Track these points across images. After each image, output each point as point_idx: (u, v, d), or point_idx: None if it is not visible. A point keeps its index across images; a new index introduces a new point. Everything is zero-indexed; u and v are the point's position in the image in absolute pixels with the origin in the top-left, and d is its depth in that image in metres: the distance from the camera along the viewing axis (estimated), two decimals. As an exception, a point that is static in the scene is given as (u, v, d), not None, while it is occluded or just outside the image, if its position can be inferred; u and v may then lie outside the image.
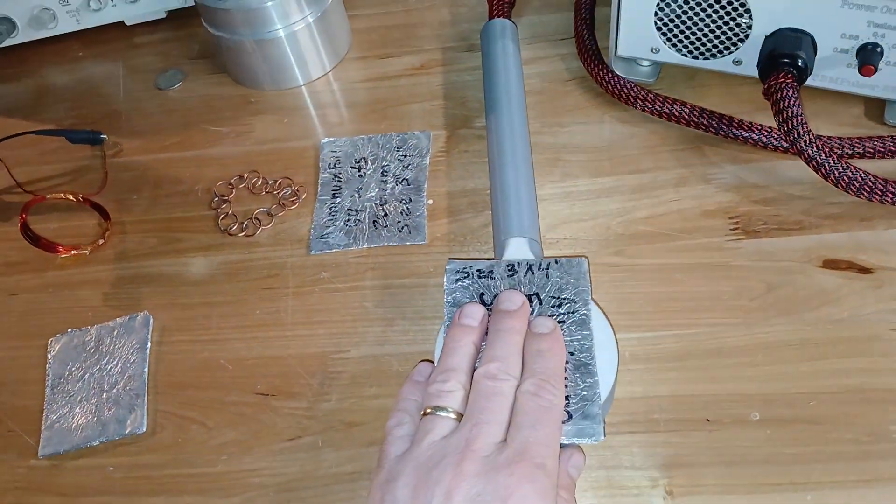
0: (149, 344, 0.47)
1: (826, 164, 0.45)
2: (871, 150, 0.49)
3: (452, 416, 0.34)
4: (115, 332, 0.48)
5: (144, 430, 0.44)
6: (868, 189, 0.45)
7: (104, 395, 0.45)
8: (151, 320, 0.48)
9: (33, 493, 0.43)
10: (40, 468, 0.44)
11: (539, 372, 0.35)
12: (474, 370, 0.36)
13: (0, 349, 0.50)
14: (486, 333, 0.38)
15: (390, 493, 0.31)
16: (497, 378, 0.34)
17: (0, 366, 0.49)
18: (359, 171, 0.54)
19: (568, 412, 0.37)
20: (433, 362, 0.38)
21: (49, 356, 0.48)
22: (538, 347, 0.37)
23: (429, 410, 0.34)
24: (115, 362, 0.47)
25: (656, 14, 0.51)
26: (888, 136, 0.49)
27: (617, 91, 0.54)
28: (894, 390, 0.40)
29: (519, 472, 0.31)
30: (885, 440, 0.38)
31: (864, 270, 0.44)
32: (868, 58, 0.46)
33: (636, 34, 0.52)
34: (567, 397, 0.38)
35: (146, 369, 0.46)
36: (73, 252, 0.53)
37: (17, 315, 0.51)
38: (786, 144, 0.48)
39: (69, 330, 0.49)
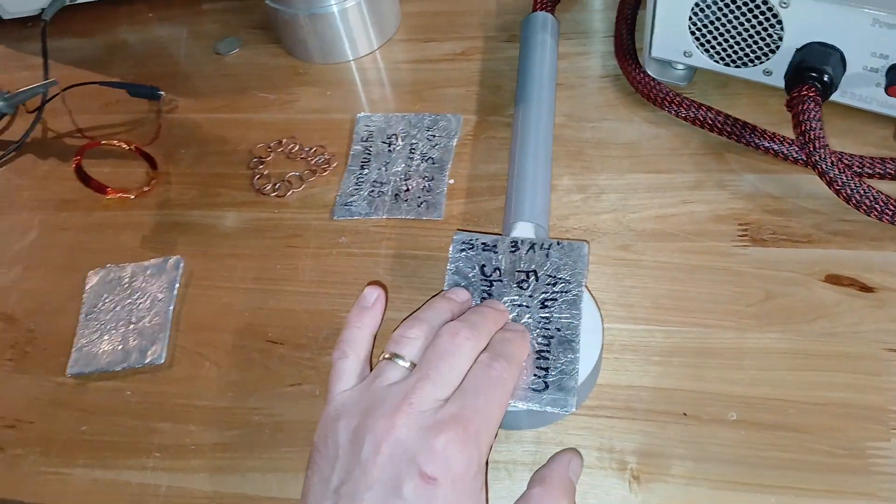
0: (177, 285, 0.51)
1: (839, 180, 0.45)
2: (893, 172, 0.49)
3: (406, 365, 0.35)
4: (147, 272, 0.52)
5: (163, 361, 0.48)
6: (879, 209, 0.45)
7: (131, 326, 0.49)
8: (182, 264, 0.52)
9: (57, 406, 0.47)
10: (67, 385, 0.48)
11: (499, 350, 0.37)
12: None
13: (45, 278, 0.54)
14: None
15: (332, 432, 0.33)
16: (458, 336, 0.36)
17: (42, 292, 0.53)
18: (389, 146, 0.57)
19: (546, 382, 0.39)
20: (380, 285, 0.40)
21: (86, 287, 0.52)
22: (506, 336, 0.38)
23: (387, 356, 0.36)
24: (144, 298, 0.51)
25: (691, 18, 0.51)
26: (911, 160, 0.48)
27: (647, 91, 0.55)
28: (877, 409, 0.40)
29: (448, 434, 0.32)
30: (859, 456, 0.39)
31: (866, 289, 0.45)
32: (896, 78, 0.46)
33: (670, 36, 0.53)
34: (547, 369, 0.40)
35: (171, 308, 0.50)
36: (119, 195, 0.57)
37: (64, 248, 0.56)
38: (801, 152, 0.48)
39: (107, 265, 0.53)
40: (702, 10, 0.51)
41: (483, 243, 0.46)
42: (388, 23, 0.65)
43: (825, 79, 0.47)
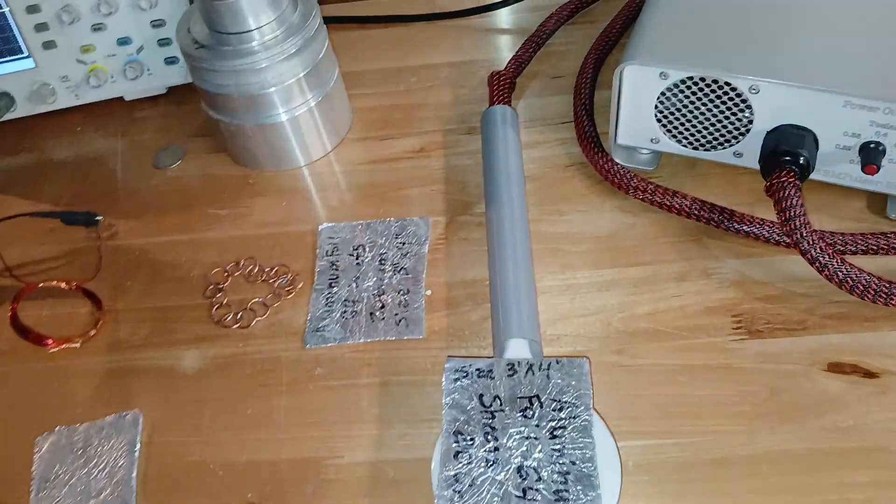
0: (138, 446, 0.46)
1: (830, 266, 0.44)
2: (875, 247, 0.48)
3: None
4: (103, 432, 0.47)
5: (131, 539, 0.43)
6: (873, 292, 0.44)
7: (91, 501, 0.44)
8: (141, 419, 0.47)
9: None
10: (23, 579, 0.42)
11: None
12: None
13: (-14, 445, 0.48)
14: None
15: None
16: None
17: (-15, 464, 0.47)
18: (356, 258, 0.53)
19: (569, 533, 0.36)
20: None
21: (35, 456, 0.46)
22: None
23: None
24: (102, 465, 0.46)
25: (657, 106, 0.50)
26: (891, 233, 0.48)
27: (617, 180, 0.54)
28: (903, 506, 0.39)
29: None
30: (897, 562, 0.37)
31: (869, 375, 0.44)
32: (870, 156, 0.46)
33: (636, 125, 0.52)
34: (568, 514, 0.37)
35: (134, 474, 0.45)
36: (63, 346, 0.52)
37: (3, 408, 0.50)
38: (787, 240, 0.47)
39: (57, 428, 0.48)
40: (668, 99, 0.50)
41: (478, 370, 0.43)
42: (341, 122, 0.62)
43: (801, 161, 0.46)
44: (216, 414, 0.47)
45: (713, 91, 0.48)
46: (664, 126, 0.51)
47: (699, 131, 0.50)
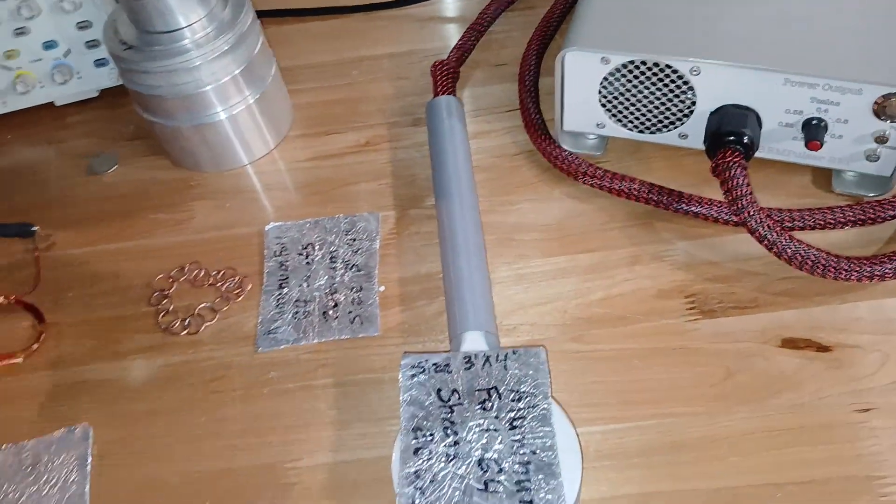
0: (89, 459, 0.44)
1: (778, 243, 0.45)
2: (822, 222, 0.49)
3: None
4: (52, 448, 0.45)
5: (85, 560, 0.41)
6: (822, 266, 0.45)
7: (40, 523, 0.42)
8: (91, 433, 0.46)
9: None
10: None
11: None
12: None
13: (-76, 472, 0.46)
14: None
15: None
16: None
17: (-76, 493, 0.45)
18: (306, 257, 0.52)
19: (532, 522, 0.36)
20: None
21: (-22, 481, 0.44)
22: None
23: None
24: (53, 482, 0.44)
25: (600, 91, 0.50)
26: (836, 207, 0.49)
27: (565, 166, 0.53)
28: (861, 478, 0.39)
29: None
30: (854, 533, 0.38)
31: (822, 349, 0.44)
32: (813, 133, 0.47)
33: (581, 110, 0.52)
34: (531, 501, 0.37)
35: (87, 489, 0.43)
36: (5, 362, 0.49)
37: (-57, 433, 0.48)
38: (735, 219, 0.48)
39: (3, 446, 0.46)
40: (611, 84, 0.50)
41: (434, 364, 0.42)
42: (282, 119, 0.61)
43: (745, 140, 0.47)
44: (169, 424, 0.46)
45: (655, 74, 0.48)
46: (609, 111, 0.51)
47: (644, 115, 0.51)
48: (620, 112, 0.51)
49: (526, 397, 0.41)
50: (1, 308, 0.52)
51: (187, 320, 0.50)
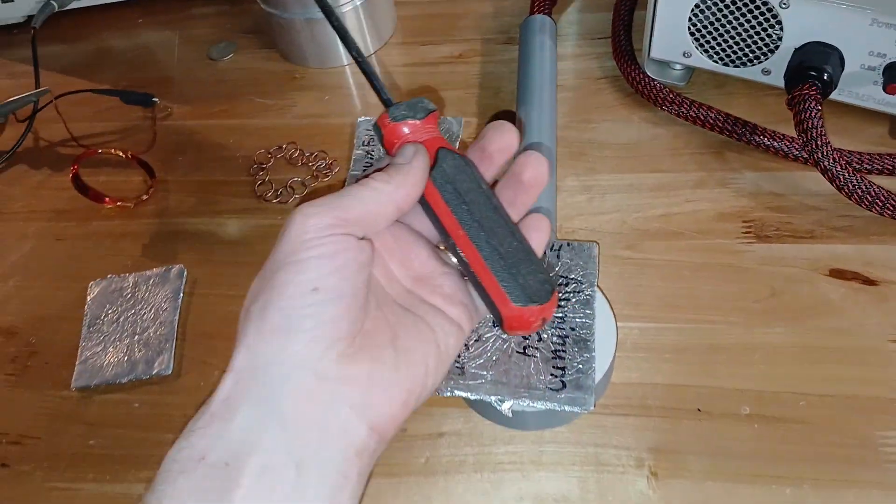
0: (181, 294, 0.50)
1: (841, 176, 0.46)
2: (891, 167, 0.49)
3: None
4: (150, 281, 0.51)
5: (170, 372, 0.47)
6: (881, 203, 0.46)
7: (136, 337, 0.49)
8: (185, 273, 0.52)
9: (62, 420, 0.46)
10: (71, 398, 0.47)
11: None
12: None
13: (44, 289, 0.53)
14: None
15: None
16: None
17: (42, 304, 0.52)
18: (391, 150, 0.56)
19: (563, 381, 0.40)
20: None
21: (88, 298, 0.51)
22: None
23: None
24: (148, 308, 0.50)
25: (690, 19, 0.52)
26: (908, 155, 0.49)
27: (646, 92, 0.56)
28: (885, 400, 0.41)
29: None
30: (869, 447, 0.40)
31: (869, 282, 0.45)
32: (893, 76, 0.47)
33: (670, 38, 0.54)
34: (563, 368, 0.40)
35: (176, 317, 0.49)
36: (118, 204, 0.56)
37: (62, 258, 0.55)
38: (804, 153, 0.49)
39: (109, 275, 0.52)
40: (701, 12, 0.51)
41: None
42: (385, 26, 0.65)
43: (825, 77, 0.48)
44: (252, 275, 0.51)
45: (745, 4, 0.49)
46: (697, 39, 0.53)
47: (730, 46, 0.52)
48: (708, 41, 0.53)
49: (573, 283, 0.44)
50: (120, 162, 0.59)
51: (280, 191, 0.56)
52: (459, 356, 0.42)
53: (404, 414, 0.30)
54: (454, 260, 0.33)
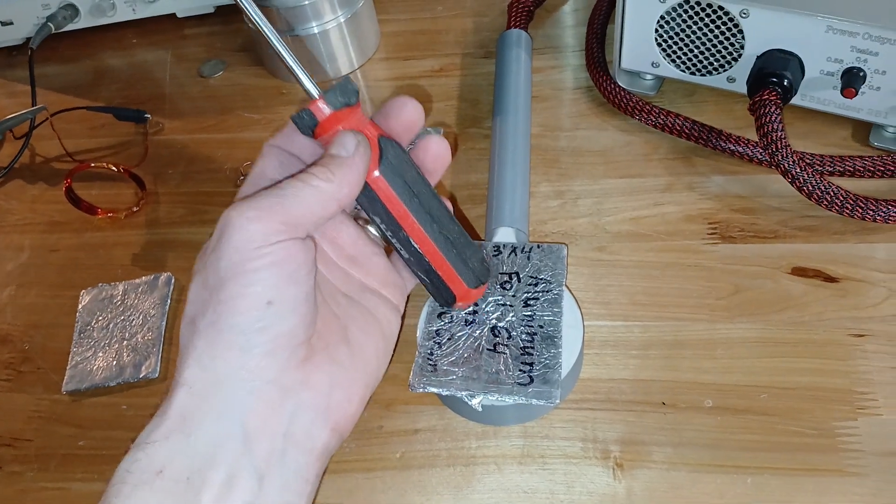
0: (168, 301, 0.52)
1: (801, 178, 0.48)
2: (852, 169, 0.51)
3: None
4: (139, 289, 0.53)
5: (157, 375, 0.49)
6: (839, 203, 0.48)
7: (124, 342, 0.50)
8: (173, 280, 0.53)
9: (54, 422, 0.48)
10: (62, 402, 0.49)
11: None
12: None
13: (38, 297, 0.55)
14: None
15: None
16: None
17: (36, 312, 0.54)
18: (372, 160, 0.59)
19: (531, 376, 0.41)
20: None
21: (80, 306, 0.53)
22: None
23: None
24: (137, 315, 0.52)
25: (657, 31, 0.54)
26: (868, 157, 0.51)
27: (618, 101, 0.58)
28: (843, 391, 0.42)
29: None
30: (827, 436, 0.41)
31: (830, 279, 0.47)
32: (850, 81, 0.49)
33: (638, 49, 0.56)
34: (532, 364, 0.42)
35: (164, 323, 0.51)
36: (109, 215, 0.58)
37: (56, 268, 0.57)
38: (766, 155, 0.51)
39: (99, 284, 0.54)
40: (667, 23, 0.53)
41: (467, 249, 0.48)
42: (369, 42, 0.67)
43: (785, 83, 0.49)
44: (237, 282, 0.53)
45: (708, 15, 0.51)
46: (664, 50, 0.55)
47: (696, 55, 0.54)
48: (674, 52, 0.55)
49: (542, 283, 0.46)
50: (112, 175, 0.61)
51: (264, 200, 0.58)
52: (432, 354, 0.43)
53: (362, 408, 0.31)
54: (376, 234, 0.33)
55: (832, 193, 0.48)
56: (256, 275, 0.27)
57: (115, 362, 0.50)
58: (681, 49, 0.54)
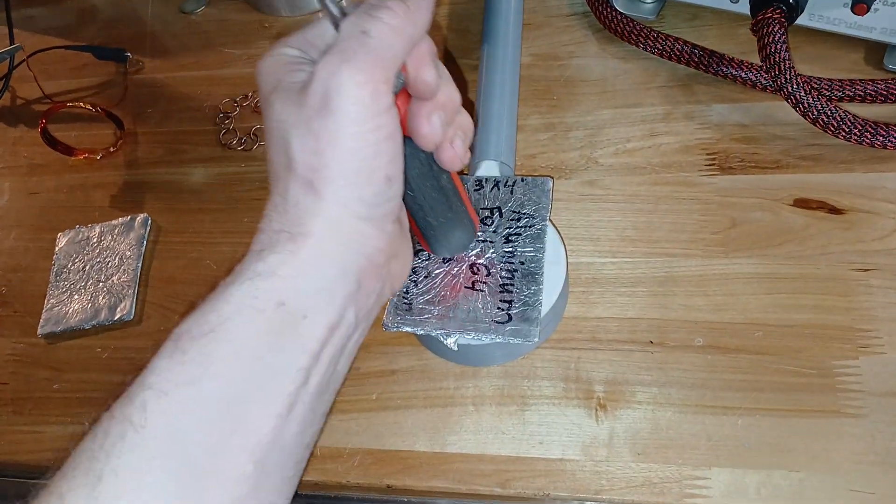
0: (144, 242, 0.51)
1: (805, 101, 0.45)
2: (862, 94, 0.48)
3: None
4: (116, 230, 0.52)
5: (132, 317, 0.48)
6: (847, 129, 0.44)
7: (100, 284, 0.49)
8: (150, 221, 0.52)
9: (30, 366, 0.47)
10: (38, 345, 0.48)
11: None
12: None
13: (17, 241, 0.54)
14: None
15: None
16: None
17: (14, 255, 0.53)
18: (356, 95, 0.56)
19: (509, 314, 0.39)
20: None
21: (56, 248, 0.52)
22: None
23: None
24: (113, 257, 0.51)
25: (654, -53, 0.50)
26: (881, 80, 0.47)
27: (615, 27, 0.54)
28: (845, 328, 0.40)
29: None
30: (826, 375, 0.39)
31: (835, 211, 0.44)
32: (862, -4, 0.45)
33: (635, -32, 0.52)
34: (510, 302, 0.40)
35: (139, 264, 0.50)
36: (86, 156, 0.57)
37: (35, 211, 0.55)
38: (769, 79, 0.47)
39: (77, 226, 0.53)
40: (663, -63, 0.50)
41: (446, 183, 0.45)
42: (353, -28, 0.64)
43: (790, 1, 0.46)
44: (216, 221, 0.52)
45: (708, -73, 0.48)
46: (662, -31, 0.51)
47: (695, -26, 0.50)
48: (672, -29, 0.51)
49: (525, 218, 0.43)
50: (91, 116, 0.59)
51: (244, 139, 0.55)
52: (407, 293, 0.41)
53: (378, 289, 0.30)
54: None
55: (839, 118, 0.44)
56: (378, 147, 0.27)
57: (90, 305, 0.48)
58: (680, -33, 0.51)
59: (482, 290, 0.41)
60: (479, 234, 0.43)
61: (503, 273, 0.41)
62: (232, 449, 0.25)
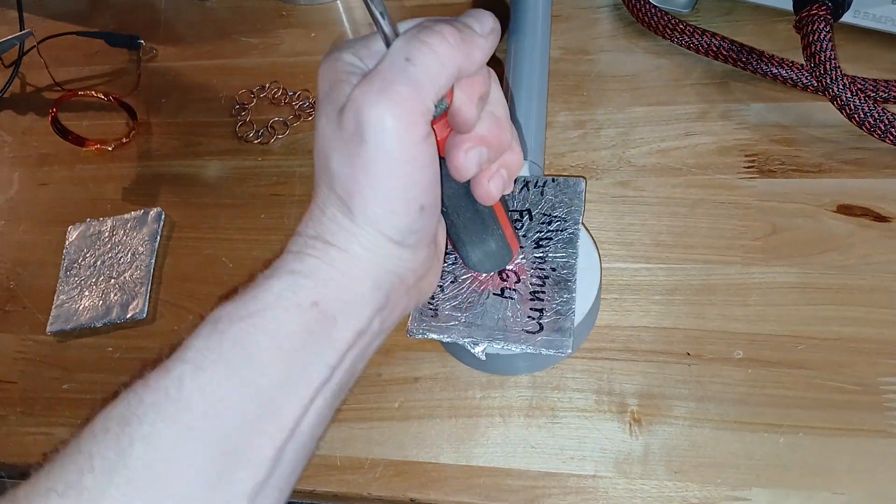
0: (158, 237, 0.49)
1: (851, 104, 0.43)
2: (910, 95, 0.45)
3: None
4: (128, 225, 0.50)
5: (145, 316, 0.46)
6: (894, 133, 0.42)
7: (112, 281, 0.48)
8: (163, 216, 0.50)
9: (38, 364, 0.46)
10: (47, 343, 0.47)
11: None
12: None
13: (25, 234, 0.52)
14: None
15: None
16: None
17: (23, 249, 0.52)
18: (377, 87, 0.54)
19: (540, 324, 0.37)
20: None
21: (67, 242, 0.50)
22: None
23: None
24: (125, 252, 0.49)
25: (693, -62, 0.48)
26: (930, 81, 0.45)
27: (648, 20, 0.52)
28: (891, 342, 0.38)
29: None
30: (871, 392, 0.37)
31: (879, 218, 0.42)
32: (914, -7, 0.43)
33: (671, -40, 0.50)
34: (542, 310, 0.38)
35: (153, 261, 0.48)
36: (97, 147, 0.55)
37: (44, 203, 0.54)
38: (813, 79, 0.45)
39: (88, 219, 0.51)
40: (703, -72, 0.47)
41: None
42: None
43: (837, -4, 0.44)
44: (232, 217, 0.50)
45: (751, -82, 0.45)
46: (700, -39, 0.49)
47: (735, -34, 0.48)
48: (710, -37, 0.49)
49: (556, 221, 0.41)
50: (103, 105, 0.58)
51: (261, 131, 0.54)
52: (433, 298, 0.39)
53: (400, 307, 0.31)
54: None
55: (887, 122, 0.42)
56: (411, 178, 0.27)
57: (101, 302, 0.47)
58: (719, -41, 0.48)
59: (512, 298, 0.39)
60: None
61: (534, 279, 0.39)
62: (257, 433, 0.26)
